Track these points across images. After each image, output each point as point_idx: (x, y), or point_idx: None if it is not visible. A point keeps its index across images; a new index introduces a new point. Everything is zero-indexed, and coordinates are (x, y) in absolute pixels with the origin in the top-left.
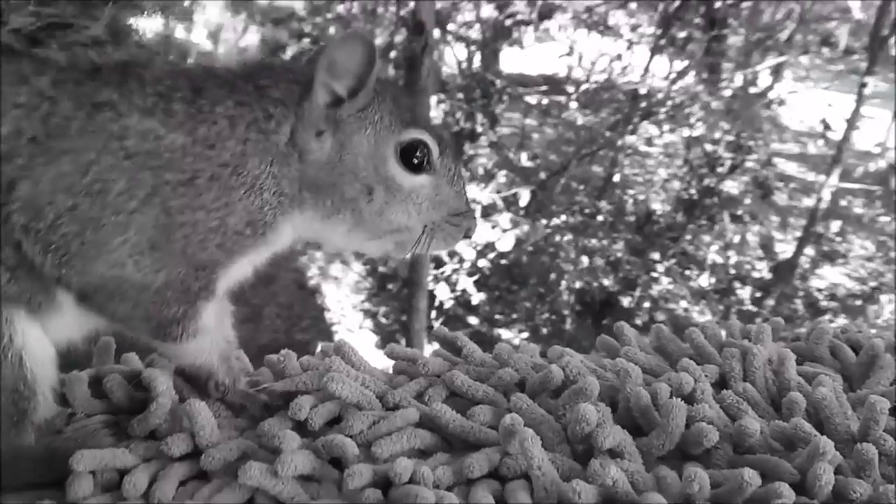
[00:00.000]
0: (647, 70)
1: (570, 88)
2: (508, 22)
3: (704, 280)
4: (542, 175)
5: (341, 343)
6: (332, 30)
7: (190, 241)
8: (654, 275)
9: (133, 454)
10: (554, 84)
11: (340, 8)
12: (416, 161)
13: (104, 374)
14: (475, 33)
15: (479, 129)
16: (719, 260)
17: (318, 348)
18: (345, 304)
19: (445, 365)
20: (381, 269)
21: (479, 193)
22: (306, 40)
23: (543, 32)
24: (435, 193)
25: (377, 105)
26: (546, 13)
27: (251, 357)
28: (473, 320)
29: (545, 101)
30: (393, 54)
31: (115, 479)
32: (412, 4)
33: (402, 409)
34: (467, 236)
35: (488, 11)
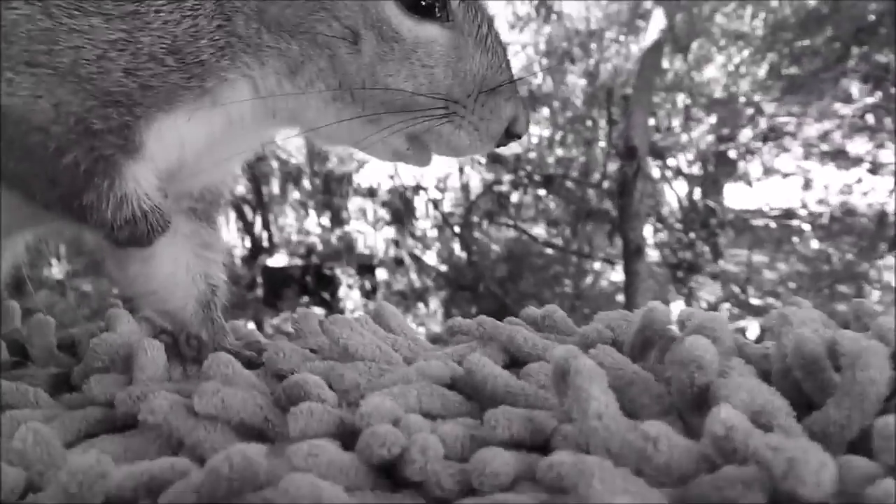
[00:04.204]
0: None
1: (805, 221)
2: (733, 154)
3: None
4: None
5: (381, 306)
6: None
7: (82, 55)
8: None
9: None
10: (784, 218)
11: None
12: (423, 2)
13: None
14: (696, 169)
15: (699, 261)
16: None
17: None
18: None
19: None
20: None
21: None
22: None
23: (771, 167)
24: (454, 56)
25: None
26: (774, 138)
27: None
28: None
29: (775, 228)
30: (606, 184)
31: None
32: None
33: (420, 362)
34: (515, 135)
35: (708, 142)
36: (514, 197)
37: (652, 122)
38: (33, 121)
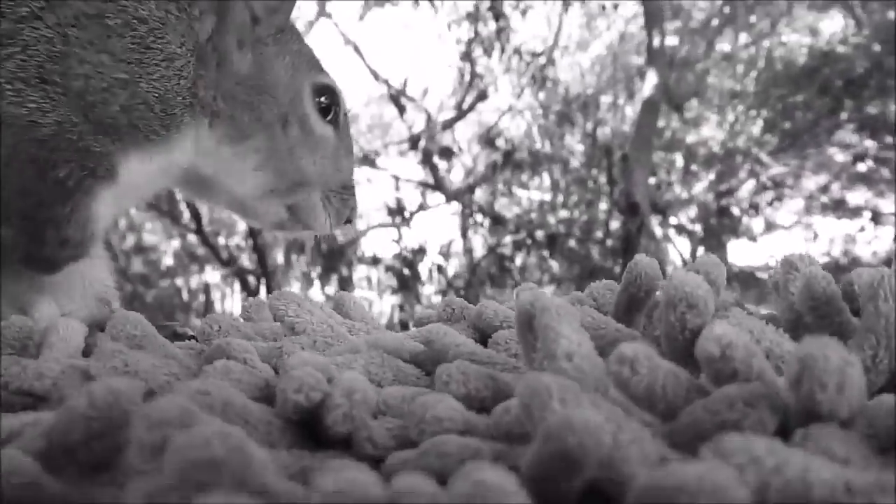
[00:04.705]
0: None
1: None
2: (735, 210)
3: None
4: None
5: (342, 295)
6: None
7: (91, 85)
8: None
9: None
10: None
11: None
12: (324, 108)
13: None
14: (699, 228)
15: None
16: None
17: None
18: None
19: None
20: None
21: None
22: None
23: (773, 221)
24: (336, 155)
25: (294, 36)
26: (774, 190)
27: None
28: None
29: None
30: (609, 242)
31: None
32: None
33: (372, 334)
34: (349, 221)
35: (710, 199)
36: (518, 259)
37: (652, 180)
38: (39, 132)
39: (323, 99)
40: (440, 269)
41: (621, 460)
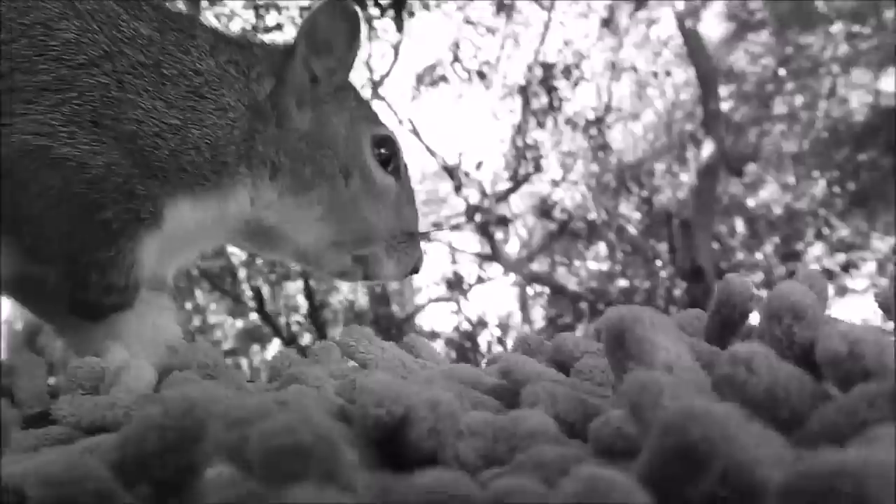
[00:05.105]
0: None
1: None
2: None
3: None
4: None
5: (413, 337)
6: None
7: (143, 129)
8: None
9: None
10: None
11: (618, 281)
12: (384, 159)
13: None
14: (765, 292)
15: None
16: None
17: None
18: None
19: None
20: None
21: None
22: None
23: (843, 285)
24: (398, 203)
25: (352, 92)
26: (848, 265)
27: None
28: None
29: None
30: (674, 310)
31: None
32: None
33: (442, 365)
34: (415, 270)
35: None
36: (579, 330)
37: (714, 245)
38: (88, 170)
39: (383, 150)
40: (500, 341)
41: (752, 462)
